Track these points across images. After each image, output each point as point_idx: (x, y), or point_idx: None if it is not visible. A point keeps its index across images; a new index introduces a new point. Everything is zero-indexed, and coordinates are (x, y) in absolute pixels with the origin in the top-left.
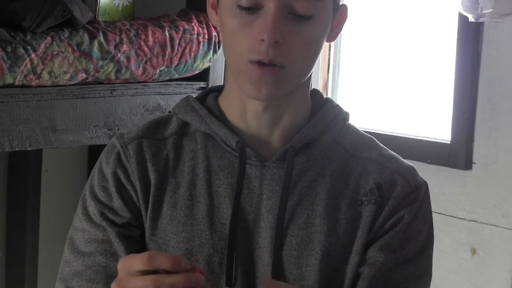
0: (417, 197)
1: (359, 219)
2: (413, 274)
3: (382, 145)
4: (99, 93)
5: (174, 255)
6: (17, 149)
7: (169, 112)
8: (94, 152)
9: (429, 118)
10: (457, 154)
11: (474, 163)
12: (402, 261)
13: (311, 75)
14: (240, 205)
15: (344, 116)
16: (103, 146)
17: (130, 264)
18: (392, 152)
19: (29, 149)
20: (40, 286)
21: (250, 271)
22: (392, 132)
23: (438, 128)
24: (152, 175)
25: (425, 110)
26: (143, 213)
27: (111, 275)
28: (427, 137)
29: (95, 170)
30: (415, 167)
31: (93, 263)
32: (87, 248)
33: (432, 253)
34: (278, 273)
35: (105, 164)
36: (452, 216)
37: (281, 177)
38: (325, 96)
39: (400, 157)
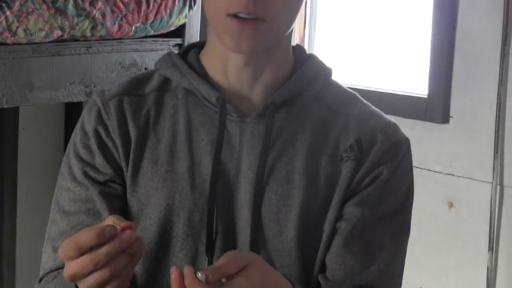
0: (397, 153)
1: (338, 175)
2: (390, 230)
3: (365, 101)
4: (75, 50)
5: (95, 228)
6: None
7: (146, 69)
8: (70, 109)
9: (406, 72)
10: (434, 108)
11: (451, 117)
12: (379, 217)
13: (292, 30)
14: (220, 161)
15: (327, 72)
16: (80, 103)
17: (65, 252)
18: (375, 109)
19: (5, 106)
20: (18, 243)
21: (230, 227)
22: (368, 87)
23: (415, 82)
24: (132, 132)
25: (402, 65)
26: (124, 170)
27: None
28: (404, 91)
29: (77, 127)
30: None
31: (77, 222)
32: (71, 207)
33: (411, 210)
34: (257, 229)
35: (87, 121)
36: (429, 170)
37: (261, 133)
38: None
39: (383, 114)
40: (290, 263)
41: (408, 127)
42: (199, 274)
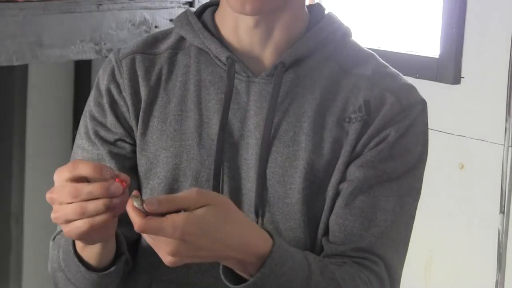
0: (407, 115)
1: (345, 137)
2: (396, 192)
3: (382, 61)
4: (85, 7)
5: (97, 163)
6: (4, 64)
7: (156, 27)
8: (80, 67)
9: (418, 32)
10: (446, 69)
11: (463, 77)
12: (384, 179)
13: None
14: (228, 121)
15: (344, 31)
16: (89, 61)
17: (59, 173)
18: (392, 70)
19: (15, 64)
20: (27, 201)
21: (237, 188)
22: (379, 47)
23: (427, 42)
24: (143, 91)
25: (413, 25)
26: (134, 129)
27: None
28: (415, 52)
29: (94, 86)
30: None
31: None
32: None
33: (422, 174)
34: (262, 190)
35: (101, 79)
36: (440, 131)
37: (269, 93)
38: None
39: (400, 75)
40: (295, 226)
41: (419, 88)
42: (135, 202)
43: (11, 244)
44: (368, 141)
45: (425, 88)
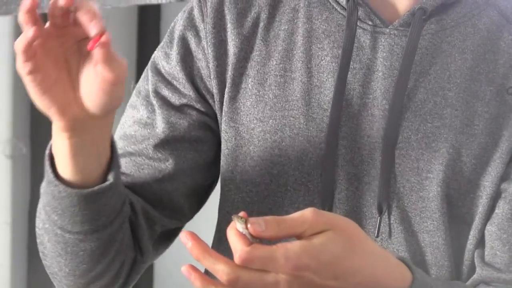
0: None
1: (509, 113)
2: None
3: None
4: None
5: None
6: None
7: None
8: (145, 12)
9: None
10: None
11: None
12: None
13: None
14: (346, 85)
15: None
16: (158, 6)
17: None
18: None
19: None
20: None
21: (357, 174)
22: None
23: None
24: (232, 41)
25: None
26: (215, 91)
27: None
28: None
29: (168, 31)
30: None
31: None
32: (130, 129)
33: None
34: (389, 178)
35: (177, 24)
36: None
37: (403, 49)
38: None
39: None
40: (433, 229)
41: None
42: (238, 223)
43: None
44: None
45: None
